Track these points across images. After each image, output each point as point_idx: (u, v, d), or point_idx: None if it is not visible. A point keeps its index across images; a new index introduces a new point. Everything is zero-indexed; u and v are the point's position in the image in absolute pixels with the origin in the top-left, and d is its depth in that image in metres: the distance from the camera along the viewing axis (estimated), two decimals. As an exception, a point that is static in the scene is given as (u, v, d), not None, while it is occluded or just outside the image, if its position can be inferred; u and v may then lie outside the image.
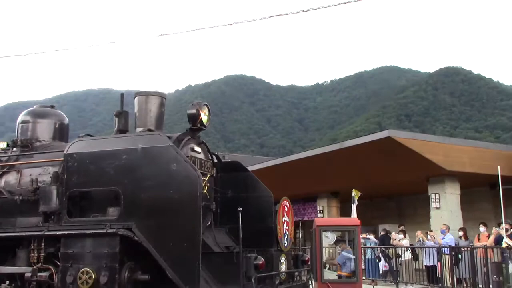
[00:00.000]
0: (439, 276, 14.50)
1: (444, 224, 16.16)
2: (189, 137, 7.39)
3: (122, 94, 8.08)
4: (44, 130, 8.58)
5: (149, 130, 7.38)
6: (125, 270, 6.29)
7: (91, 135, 7.89)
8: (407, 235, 17.93)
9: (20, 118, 8.68)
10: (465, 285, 13.78)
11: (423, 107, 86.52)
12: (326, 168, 20.71)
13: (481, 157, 17.88)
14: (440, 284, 14.36)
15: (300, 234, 11.52)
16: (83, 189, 6.90)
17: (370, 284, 15.65)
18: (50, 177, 7.27)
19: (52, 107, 9.02)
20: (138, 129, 7.53)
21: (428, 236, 16.04)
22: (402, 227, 18.68)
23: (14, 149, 8.31)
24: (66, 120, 8.98)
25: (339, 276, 10.42)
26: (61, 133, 8.74)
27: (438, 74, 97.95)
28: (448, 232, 15.58)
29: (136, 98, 7.75)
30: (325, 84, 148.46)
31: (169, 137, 6.87)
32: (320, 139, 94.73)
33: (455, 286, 13.58)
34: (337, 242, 10.99)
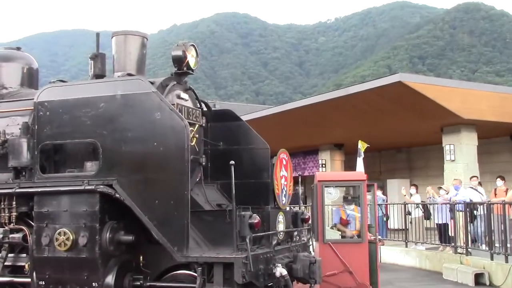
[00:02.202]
0: (452, 235, 14.76)
1: (455, 179, 16.31)
2: (175, 83, 7.31)
3: (97, 34, 7.92)
4: (10, 76, 8.45)
5: (129, 74, 7.29)
6: (107, 230, 6.37)
7: (64, 81, 7.80)
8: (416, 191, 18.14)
9: (-19, 62, 8.53)
10: (479, 245, 14.05)
11: (438, 48, 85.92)
12: (329, 117, 20.70)
13: (502, 104, 17.88)
14: (452, 244, 14.63)
15: (300, 190, 11.61)
16: (56, 142, 6.90)
17: (377, 244, 15.91)
18: (19, 129, 7.23)
19: (18, 49, 8.86)
20: (117, 74, 7.43)
21: (441, 191, 16.23)
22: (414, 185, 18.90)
23: (-23, 97, 8.22)
24: (36, 64, 8.85)
25: (343, 236, 10.59)
26: (30, 79, 8.63)
27: (456, 11, 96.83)
28: (462, 186, 15.74)
29: (114, 38, 7.61)
30: (328, 22, 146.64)
31: (152, 83, 6.80)
32: (323, 85, 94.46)
33: (469, 245, 13.84)
34: (347, 201, 11.06)
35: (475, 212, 14.16)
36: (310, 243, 8.58)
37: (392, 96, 17.30)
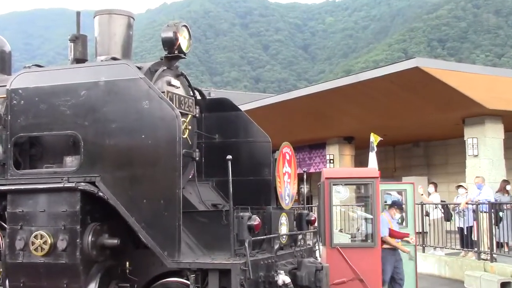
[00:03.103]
0: (475, 239, 14.78)
1: (478, 177, 16.30)
2: (165, 68, 7.31)
3: (78, 14, 7.92)
4: (-21, 60, 8.47)
5: (114, 58, 7.28)
6: (89, 233, 6.39)
7: (40, 66, 7.79)
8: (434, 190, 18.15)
9: None
10: (506, 250, 14.09)
11: (460, 29, 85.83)
12: (337, 107, 20.69)
13: (532, 93, 17.87)
14: (475, 249, 14.66)
15: (305, 189, 11.61)
16: (32, 134, 6.90)
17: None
18: (-10, 119, 7.23)
19: (-11, 30, 8.86)
20: (100, 58, 7.43)
21: (459, 190, 16.26)
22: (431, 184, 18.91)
23: None
24: (8, 47, 8.84)
25: (353, 240, 10.64)
26: (2, 63, 8.63)
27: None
28: (485, 185, 15.74)
29: (97, 18, 7.60)
30: (337, 1, 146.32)
31: (139, 68, 6.80)
32: (331, 71, 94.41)
33: (494, 250, 13.87)
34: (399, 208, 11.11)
35: (500, 213, 14.18)
36: (317, 247, 8.59)
37: (408, 84, 17.28)
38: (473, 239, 15.07)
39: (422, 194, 17.81)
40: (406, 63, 17.20)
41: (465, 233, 15.48)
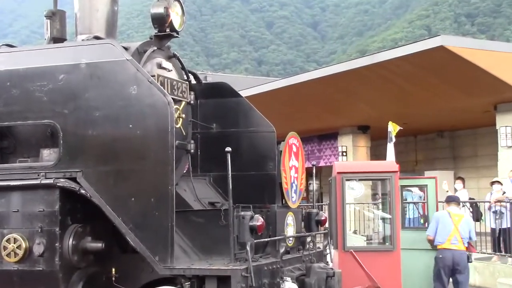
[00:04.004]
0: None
1: (512, 170, 16.31)
2: (155, 48, 7.31)
3: (55, -14, 7.93)
4: None
5: (96, 37, 7.29)
6: (69, 235, 6.40)
7: (12, 46, 7.80)
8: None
9: None
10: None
11: (492, 2, 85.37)
12: (351, 92, 20.68)
13: None
14: (510, 253, 14.66)
15: (314, 185, 11.61)
16: (3, 124, 6.90)
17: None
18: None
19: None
20: (81, 37, 7.44)
21: (494, 186, 16.24)
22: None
23: None
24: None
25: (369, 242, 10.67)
26: (-31, 43, 8.64)
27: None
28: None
29: (76, -9, 7.61)
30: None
31: (126, 48, 6.80)
32: (343, 52, 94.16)
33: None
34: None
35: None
36: (328, 251, 8.61)
37: (431, 65, 17.25)
38: (509, 242, 15.01)
39: (447, 191, 17.77)
40: (429, 41, 17.16)
41: (497, 235, 15.48)
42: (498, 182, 16.46)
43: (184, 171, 7.82)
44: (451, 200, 11.28)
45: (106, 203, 6.22)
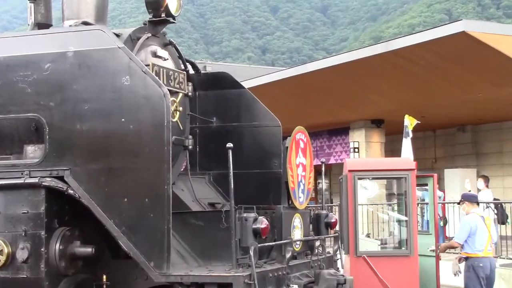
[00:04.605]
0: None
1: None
2: (149, 35, 7.31)
3: (40, -33, 7.92)
4: None
5: (85, 23, 7.29)
6: (56, 239, 6.40)
7: (-7, 33, 7.81)
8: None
9: None
10: None
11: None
12: (364, 83, 20.65)
13: None
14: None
15: (323, 184, 11.63)
16: (-16, 118, 6.90)
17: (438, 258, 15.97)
18: None
19: None
20: (68, 22, 7.43)
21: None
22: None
23: None
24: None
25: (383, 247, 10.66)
26: None
27: None
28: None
29: (63, -27, 7.61)
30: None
31: (118, 35, 6.81)
32: (355, 38, 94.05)
33: None
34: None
35: None
36: (338, 256, 8.61)
37: (452, 53, 17.22)
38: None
39: (469, 191, 17.78)
40: (450, 27, 17.12)
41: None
42: None
43: (182, 169, 7.82)
44: (475, 200, 11.13)
45: (97, 204, 6.21)
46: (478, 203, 11.20)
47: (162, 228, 5.98)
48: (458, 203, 11.46)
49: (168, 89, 6.55)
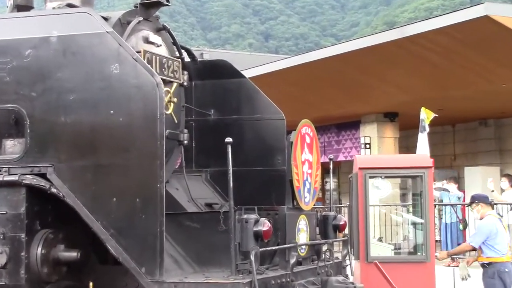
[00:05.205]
0: None
1: None
2: (141, 19, 7.31)
3: None
4: None
5: (70, 5, 7.27)
6: (38, 243, 6.40)
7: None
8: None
9: None
10: None
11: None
12: (376, 72, 20.65)
13: None
14: None
15: (331, 183, 11.60)
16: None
17: (449, 265, 16.01)
18: None
19: None
20: (51, 4, 7.41)
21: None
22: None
23: None
24: None
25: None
26: None
27: None
28: None
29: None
30: None
31: (106, 19, 6.79)
32: (367, 24, 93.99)
33: None
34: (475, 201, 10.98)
35: None
36: (347, 262, 8.62)
37: (474, 39, 17.21)
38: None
39: (492, 191, 17.76)
40: (471, 11, 17.12)
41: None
42: None
43: (176, 166, 7.82)
44: (489, 201, 11.11)
45: (83, 204, 6.20)
46: (492, 205, 11.19)
47: (155, 231, 5.97)
48: (469, 205, 11.38)
49: (162, 78, 6.53)
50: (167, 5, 7.48)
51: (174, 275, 6.23)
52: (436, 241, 10.60)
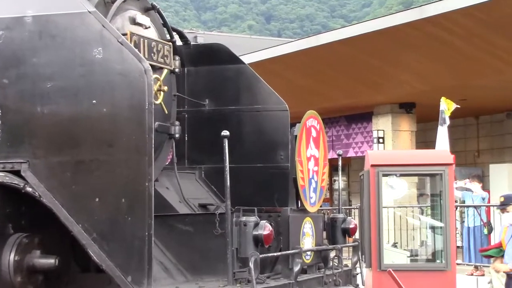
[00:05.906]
0: None
1: None
2: (127, -3, 7.32)
3: None
4: None
5: (48, -17, 7.26)
6: (10, 249, 6.37)
7: None
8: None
9: None
10: None
11: None
12: (391, 58, 20.66)
13: None
14: None
15: (340, 181, 11.63)
16: None
17: (472, 274, 16.03)
18: None
19: None
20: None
21: None
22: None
23: None
24: None
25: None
26: None
27: None
28: None
29: None
30: None
31: (87, -3, 6.78)
32: (380, 4, 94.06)
33: None
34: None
35: None
36: (358, 270, 8.62)
37: (500, 21, 17.20)
38: None
39: (519, 191, 17.81)
40: (494, -11, 17.12)
41: None
42: None
43: (167, 163, 7.82)
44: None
45: (61, 205, 6.18)
46: None
47: (142, 235, 5.96)
48: (499, 207, 11.36)
49: (150, 64, 6.53)
50: (157, -18, 7.49)
51: (164, 284, 6.24)
52: (458, 247, 10.55)
